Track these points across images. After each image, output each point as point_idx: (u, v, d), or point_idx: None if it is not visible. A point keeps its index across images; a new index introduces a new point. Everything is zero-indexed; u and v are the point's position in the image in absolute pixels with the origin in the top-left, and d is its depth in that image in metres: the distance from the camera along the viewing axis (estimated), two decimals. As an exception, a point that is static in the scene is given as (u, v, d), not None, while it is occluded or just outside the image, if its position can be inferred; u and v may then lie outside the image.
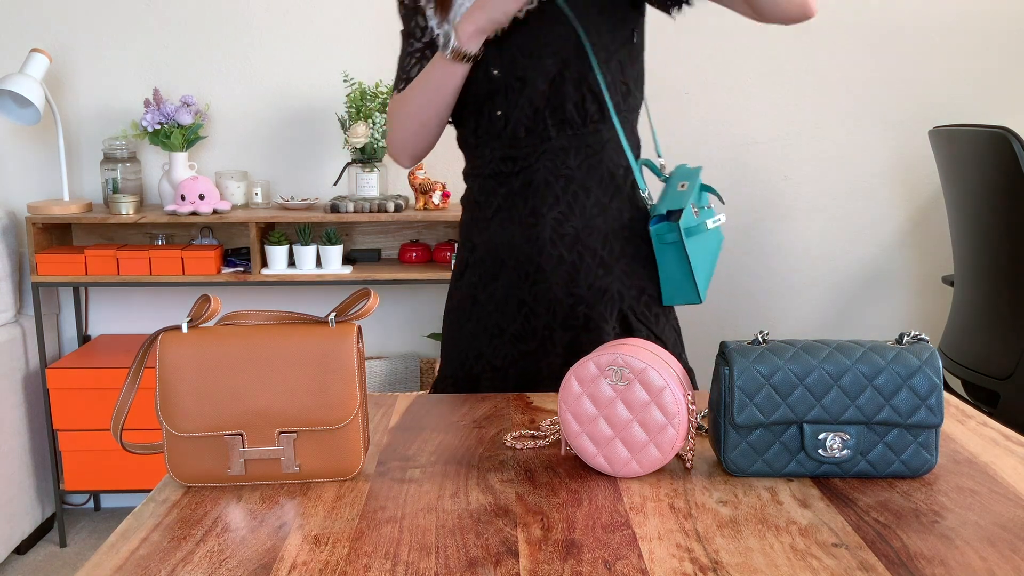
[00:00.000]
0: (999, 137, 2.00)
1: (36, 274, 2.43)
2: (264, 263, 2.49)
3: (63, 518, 2.62)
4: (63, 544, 2.62)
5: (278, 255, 2.45)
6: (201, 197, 2.43)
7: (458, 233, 1.46)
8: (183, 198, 2.43)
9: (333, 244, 2.46)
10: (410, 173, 2.52)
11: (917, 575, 0.73)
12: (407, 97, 1.29)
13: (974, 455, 0.97)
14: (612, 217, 1.28)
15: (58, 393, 2.47)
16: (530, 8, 1.20)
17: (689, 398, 0.91)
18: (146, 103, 2.51)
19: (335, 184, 2.57)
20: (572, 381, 0.92)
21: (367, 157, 2.54)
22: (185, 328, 0.90)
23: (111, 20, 2.63)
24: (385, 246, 2.71)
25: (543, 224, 1.26)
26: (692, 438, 0.92)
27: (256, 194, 2.63)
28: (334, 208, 2.45)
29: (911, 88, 2.69)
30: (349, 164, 2.56)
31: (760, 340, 0.92)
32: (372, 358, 2.71)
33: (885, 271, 2.80)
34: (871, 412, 0.88)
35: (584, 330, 1.28)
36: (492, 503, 0.86)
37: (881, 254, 2.79)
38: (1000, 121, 2.69)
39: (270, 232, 2.53)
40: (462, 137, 1.33)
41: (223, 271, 2.47)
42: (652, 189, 1.31)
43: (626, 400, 0.90)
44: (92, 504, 2.86)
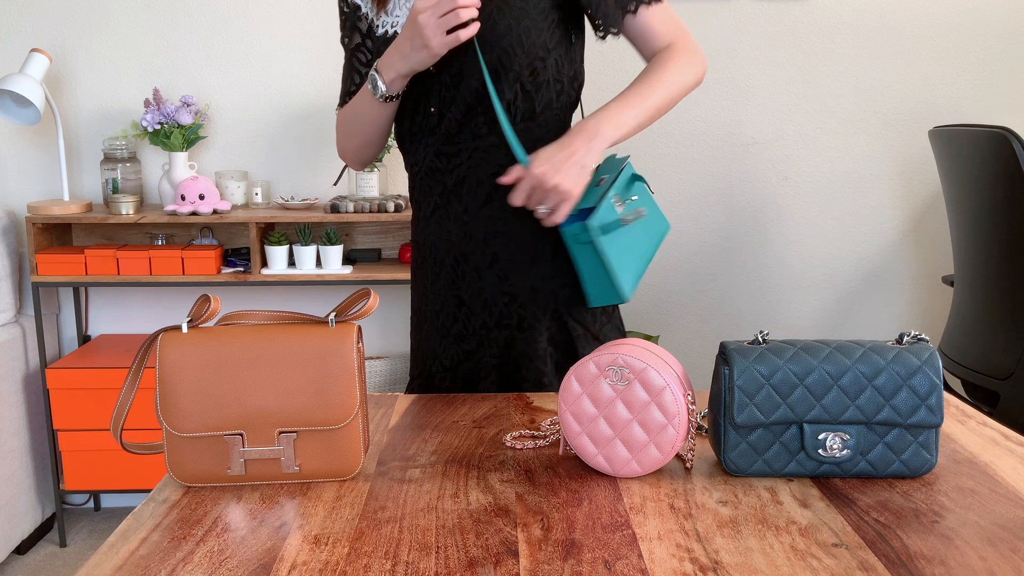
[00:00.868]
0: (999, 137, 2.00)
1: (36, 274, 2.43)
2: (264, 263, 2.49)
3: (63, 518, 2.62)
4: (63, 544, 2.62)
5: (278, 255, 2.45)
6: (201, 197, 2.43)
7: None
8: (183, 198, 2.43)
9: (333, 244, 2.46)
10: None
11: (917, 575, 0.73)
12: (347, 117, 1.31)
13: (974, 455, 0.97)
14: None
15: (58, 393, 2.47)
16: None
17: (689, 398, 0.91)
18: (146, 103, 2.51)
19: (335, 184, 2.55)
20: (572, 381, 0.92)
21: (367, 157, 2.54)
22: (185, 328, 0.90)
23: (111, 20, 2.63)
24: (385, 246, 2.71)
25: (476, 222, 1.26)
26: (692, 438, 0.92)
27: (256, 194, 2.63)
28: (334, 208, 2.45)
29: (911, 88, 2.69)
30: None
31: (760, 340, 0.92)
32: (372, 358, 2.71)
33: (885, 271, 2.80)
34: (871, 412, 0.88)
35: (518, 329, 1.28)
36: (492, 503, 0.86)
37: (881, 254, 2.79)
38: (1000, 121, 2.69)
39: (270, 232, 2.53)
40: (399, 133, 1.33)
41: (223, 271, 2.47)
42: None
43: (626, 400, 0.90)
44: (92, 504, 2.86)
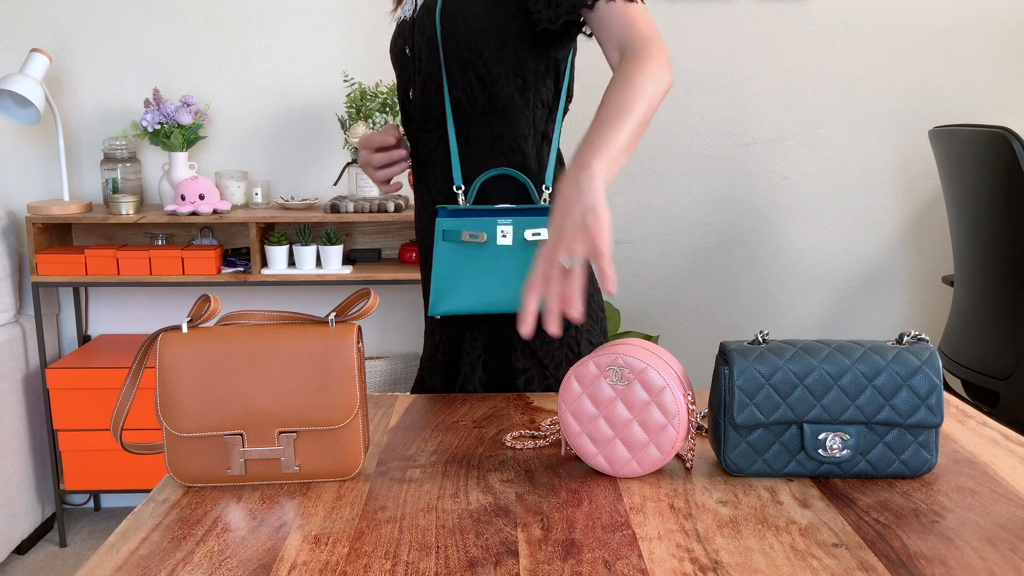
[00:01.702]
0: (999, 137, 2.00)
1: (36, 274, 2.43)
2: (264, 263, 2.49)
3: (63, 518, 2.62)
4: (63, 544, 2.62)
5: (278, 255, 2.45)
6: (201, 197, 2.43)
7: None
8: (183, 198, 2.43)
9: (333, 244, 2.46)
10: (410, 173, 2.52)
11: (917, 575, 0.73)
12: None
13: (974, 455, 0.97)
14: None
15: (58, 393, 2.47)
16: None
17: (689, 398, 0.91)
18: (146, 103, 2.51)
19: (335, 184, 2.57)
20: (572, 381, 0.92)
21: (367, 157, 2.54)
22: (185, 328, 0.90)
23: (111, 20, 2.63)
24: (385, 246, 2.71)
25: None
26: (692, 438, 0.92)
27: (256, 194, 2.63)
28: (334, 208, 2.45)
29: (911, 88, 2.69)
30: (349, 164, 2.56)
31: (760, 340, 0.92)
32: (372, 358, 2.71)
33: (885, 271, 2.80)
34: (871, 412, 0.88)
35: (464, 327, 1.26)
36: (492, 503, 0.86)
37: (881, 254, 2.79)
38: (1000, 121, 2.69)
39: (270, 232, 2.53)
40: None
41: (223, 271, 2.47)
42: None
43: (626, 400, 0.90)
44: (92, 504, 2.86)
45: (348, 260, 2.60)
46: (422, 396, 1.18)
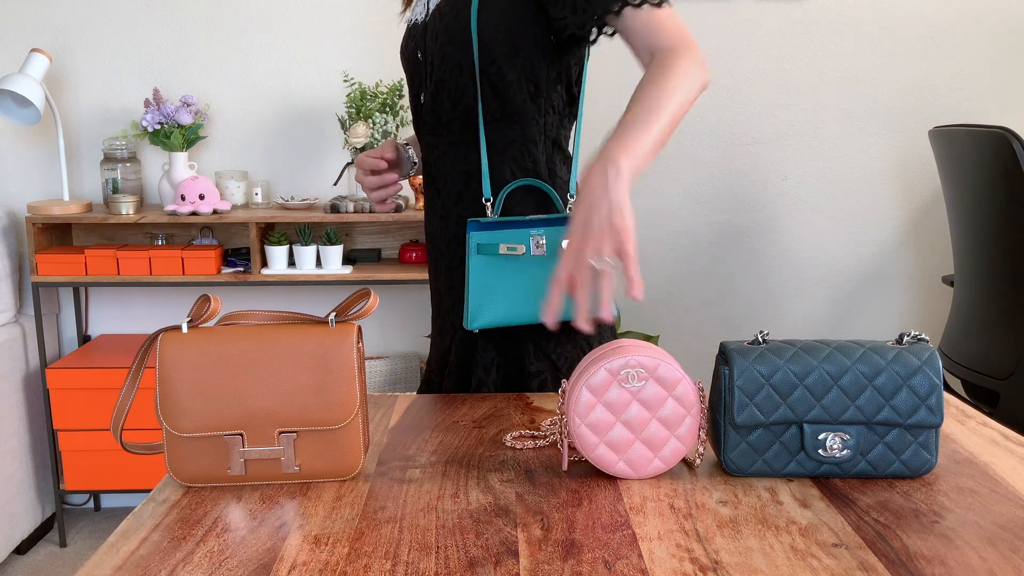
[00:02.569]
0: (999, 137, 2.00)
1: (36, 274, 2.43)
2: (264, 263, 2.49)
3: (63, 518, 2.62)
4: (63, 544, 2.62)
5: (278, 255, 2.45)
6: (201, 197, 2.43)
7: None
8: (183, 198, 2.43)
9: (333, 244, 2.46)
10: (412, 177, 2.51)
11: (917, 575, 0.73)
12: None
13: (974, 455, 0.97)
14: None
15: (58, 393, 2.47)
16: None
17: (699, 384, 0.91)
18: (146, 103, 2.51)
19: (335, 184, 2.57)
20: (583, 393, 0.89)
21: (367, 157, 2.54)
22: (185, 328, 0.90)
23: (111, 20, 2.63)
24: (385, 246, 2.71)
25: (450, 219, 1.26)
26: (703, 431, 0.92)
27: (256, 194, 2.63)
28: (334, 208, 2.45)
29: (911, 88, 2.69)
30: (349, 164, 2.56)
31: (760, 340, 0.92)
32: (372, 358, 2.71)
33: (885, 271, 2.80)
34: (871, 412, 0.88)
35: (476, 332, 1.26)
36: (492, 503, 0.86)
37: (881, 254, 2.79)
38: (1000, 121, 2.69)
39: (270, 232, 2.53)
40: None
41: (223, 271, 2.47)
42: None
43: (643, 400, 0.89)
44: (92, 504, 2.86)
45: (348, 260, 2.60)
46: (422, 396, 1.18)
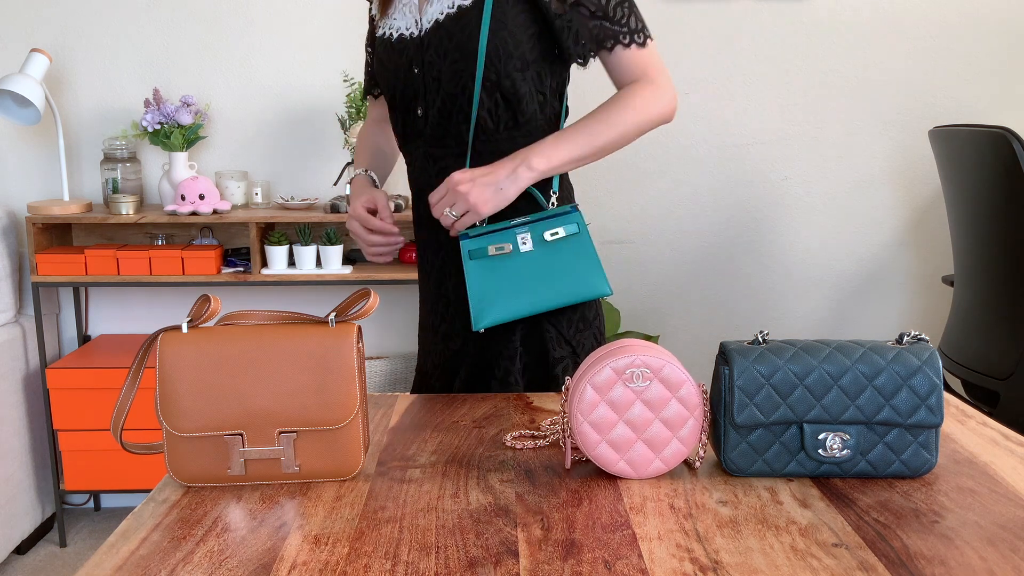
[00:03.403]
0: (999, 137, 2.00)
1: (36, 274, 2.43)
2: (264, 263, 2.49)
3: (63, 518, 2.62)
4: (63, 544, 2.62)
5: (278, 255, 2.45)
6: (201, 197, 2.43)
7: None
8: (183, 198, 2.43)
9: (333, 244, 2.46)
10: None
11: (917, 575, 0.73)
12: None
13: (974, 455, 0.97)
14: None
15: (58, 393, 2.47)
16: (450, 12, 1.23)
17: (703, 386, 0.91)
18: (146, 103, 2.51)
19: (335, 184, 2.57)
20: (587, 390, 0.90)
21: (367, 157, 2.54)
22: (185, 328, 0.90)
23: (111, 20, 2.63)
24: (385, 246, 2.71)
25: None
26: (705, 433, 0.92)
27: (256, 194, 2.63)
28: (334, 208, 2.44)
29: (911, 88, 2.69)
30: (349, 164, 2.56)
31: (760, 340, 0.92)
32: (372, 358, 2.71)
33: (885, 271, 2.80)
34: (871, 412, 0.88)
35: (495, 327, 1.29)
36: (492, 503, 0.86)
37: (881, 254, 2.79)
38: (1000, 121, 2.69)
39: (270, 232, 2.53)
40: (396, 134, 1.37)
41: (223, 271, 2.47)
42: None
43: (647, 400, 0.89)
44: (92, 504, 2.86)
45: (348, 260, 2.60)
46: (422, 396, 1.18)
